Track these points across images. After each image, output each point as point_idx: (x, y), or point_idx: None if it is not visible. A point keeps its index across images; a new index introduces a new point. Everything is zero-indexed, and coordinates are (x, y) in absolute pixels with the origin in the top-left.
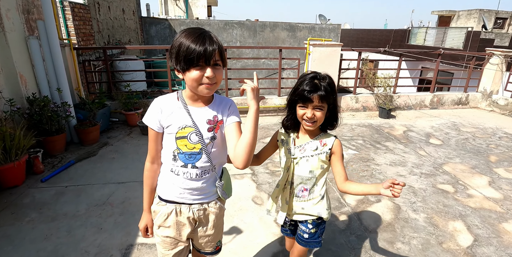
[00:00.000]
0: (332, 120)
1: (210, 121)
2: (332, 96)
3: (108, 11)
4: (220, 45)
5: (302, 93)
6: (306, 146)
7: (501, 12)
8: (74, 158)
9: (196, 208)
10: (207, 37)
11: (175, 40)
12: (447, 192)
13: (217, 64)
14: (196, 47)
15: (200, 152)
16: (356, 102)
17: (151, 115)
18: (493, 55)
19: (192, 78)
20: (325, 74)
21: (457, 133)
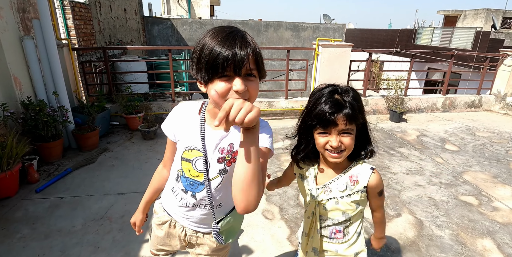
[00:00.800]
0: (364, 144)
1: (223, 150)
2: (361, 113)
3: (110, 10)
4: (255, 49)
5: (321, 115)
6: (332, 185)
7: (509, 12)
8: (71, 166)
9: (189, 233)
10: (238, 38)
11: (198, 41)
12: (471, 205)
13: (251, 74)
14: (222, 50)
15: (203, 183)
16: (366, 105)
17: (168, 123)
18: (508, 56)
19: (219, 92)
20: (346, 86)
21: (473, 138)
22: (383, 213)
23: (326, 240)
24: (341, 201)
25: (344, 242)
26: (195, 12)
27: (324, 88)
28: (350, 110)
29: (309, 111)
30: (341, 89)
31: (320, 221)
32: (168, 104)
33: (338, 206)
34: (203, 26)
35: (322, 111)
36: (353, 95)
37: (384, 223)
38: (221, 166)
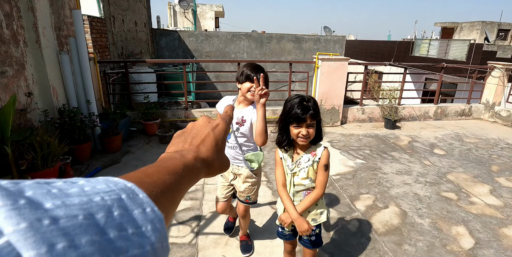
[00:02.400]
0: (319, 133)
1: (238, 118)
2: (319, 113)
3: (122, 24)
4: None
5: (296, 115)
6: (301, 160)
7: (504, 24)
8: (100, 165)
9: (234, 166)
10: (257, 66)
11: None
12: (451, 199)
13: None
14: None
15: (229, 134)
16: (363, 114)
17: (220, 105)
18: (495, 68)
19: (245, 89)
20: (308, 96)
21: (461, 144)
22: (320, 194)
23: None
24: (307, 170)
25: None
26: (200, 24)
27: (294, 98)
28: (313, 111)
29: (287, 113)
30: (306, 98)
31: (295, 188)
32: (181, 112)
33: (304, 173)
34: (208, 38)
35: (297, 113)
36: (314, 102)
37: (311, 202)
38: (236, 126)
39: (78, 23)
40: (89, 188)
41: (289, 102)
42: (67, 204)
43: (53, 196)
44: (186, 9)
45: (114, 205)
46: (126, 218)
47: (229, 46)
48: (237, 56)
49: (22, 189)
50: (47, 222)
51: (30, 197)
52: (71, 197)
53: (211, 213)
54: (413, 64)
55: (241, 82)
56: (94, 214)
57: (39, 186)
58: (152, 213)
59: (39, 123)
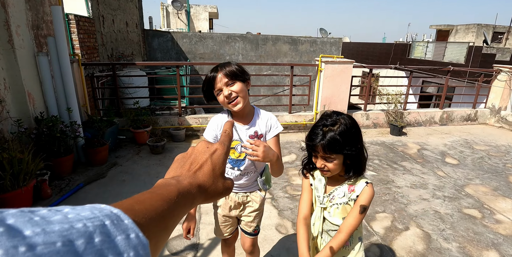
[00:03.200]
0: (356, 166)
1: (251, 136)
2: (344, 146)
3: (112, 24)
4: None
5: (307, 141)
6: (335, 193)
7: (499, 27)
8: (83, 181)
9: (241, 195)
10: (220, 66)
11: None
12: (475, 218)
13: (229, 83)
14: (209, 75)
15: (244, 159)
16: (367, 119)
17: (210, 130)
18: (501, 71)
19: (220, 102)
20: (337, 117)
21: (471, 152)
22: (343, 240)
23: None
24: (341, 207)
25: (349, 247)
26: (194, 25)
27: (324, 117)
28: (327, 143)
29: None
30: (331, 121)
31: (324, 225)
32: (174, 119)
33: (338, 211)
34: (202, 39)
35: (308, 138)
36: (341, 130)
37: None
38: None
39: (58, 21)
40: (72, 215)
41: (317, 121)
42: (47, 231)
43: (34, 224)
44: (180, 10)
45: (96, 231)
46: (108, 245)
47: (224, 47)
48: (232, 58)
49: (4, 217)
50: (23, 249)
51: (11, 225)
52: (52, 224)
53: (209, 240)
54: (419, 67)
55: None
56: (73, 241)
57: (22, 214)
58: (136, 239)
59: (11, 134)
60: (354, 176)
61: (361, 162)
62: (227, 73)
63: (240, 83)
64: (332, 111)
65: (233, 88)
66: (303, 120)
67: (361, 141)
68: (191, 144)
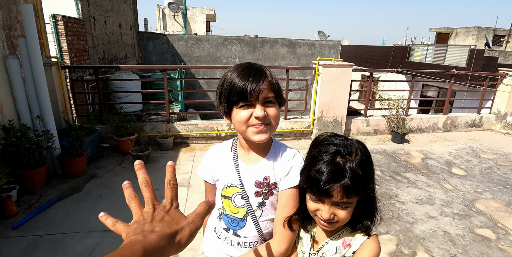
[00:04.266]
0: (366, 216)
1: (259, 183)
2: (367, 184)
3: (104, 26)
4: (271, 79)
5: (315, 180)
6: (325, 249)
7: (499, 30)
8: (55, 196)
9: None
10: (253, 70)
11: (221, 77)
12: (489, 240)
13: (269, 101)
14: (240, 81)
15: (244, 219)
16: (367, 125)
17: (203, 167)
18: (507, 75)
19: (238, 120)
20: (354, 144)
21: (479, 161)
22: None
23: None
24: None
25: None
26: (191, 27)
27: (328, 143)
28: (350, 181)
29: (306, 166)
30: (347, 149)
31: None
32: (162, 126)
33: None
34: (199, 42)
35: (317, 177)
36: (360, 159)
37: None
38: (259, 199)
39: (29, 20)
40: None
41: (316, 149)
42: None
43: None
44: (176, 12)
45: None
46: None
47: (220, 50)
48: (228, 61)
49: None
50: None
51: None
52: None
53: None
54: (422, 71)
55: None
56: None
57: None
58: None
59: None
60: (364, 227)
61: (374, 205)
62: (274, 86)
63: (278, 106)
64: (332, 134)
65: (271, 111)
66: (300, 126)
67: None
68: (180, 152)
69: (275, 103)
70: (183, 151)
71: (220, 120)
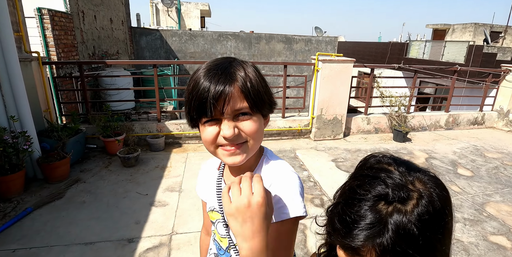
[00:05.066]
0: None
1: None
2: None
3: (94, 21)
4: (245, 81)
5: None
6: None
7: (496, 26)
8: (32, 204)
9: None
10: (222, 70)
11: None
12: (505, 248)
13: (244, 113)
14: (202, 89)
15: (227, 252)
16: (368, 124)
17: (197, 184)
18: (510, 71)
19: (204, 140)
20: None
21: (484, 160)
22: None
23: None
24: None
25: None
26: (185, 23)
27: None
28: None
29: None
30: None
31: None
32: (153, 125)
33: None
34: (193, 38)
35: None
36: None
37: None
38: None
39: (1, 10)
40: None
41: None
42: None
43: None
44: (170, 7)
45: None
46: None
47: (215, 46)
48: None
49: None
50: None
51: None
52: None
53: None
54: (424, 67)
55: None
56: None
57: None
58: None
59: None
60: None
61: None
62: (248, 92)
63: (260, 117)
64: (390, 157)
65: (245, 126)
66: (298, 125)
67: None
68: (171, 153)
69: (253, 114)
70: (175, 152)
71: None
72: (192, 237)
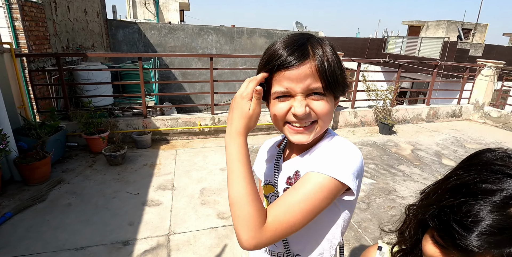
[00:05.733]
0: None
1: (289, 179)
2: None
3: (68, 12)
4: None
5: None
6: None
7: (467, 23)
8: (12, 208)
9: None
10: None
11: None
12: None
13: (316, 93)
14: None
15: None
16: (355, 117)
17: (256, 162)
18: (485, 66)
19: (274, 114)
20: None
21: (465, 151)
22: None
23: None
24: None
25: None
26: (163, 16)
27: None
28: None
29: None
30: None
31: None
32: (138, 121)
33: None
34: (173, 31)
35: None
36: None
37: None
38: None
39: None
40: None
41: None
42: None
43: None
44: None
45: None
46: None
47: (196, 40)
48: (204, 52)
49: None
50: None
51: None
52: None
53: None
54: (407, 62)
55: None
56: None
57: None
58: None
59: None
60: None
61: None
62: (324, 72)
63: (332, 98)
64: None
65: (317, 105)
66: None
67: None
68: (159, 150)
69: (325, 95)
70: (163, 149)
71: (202, 114)
72: (191, 236)
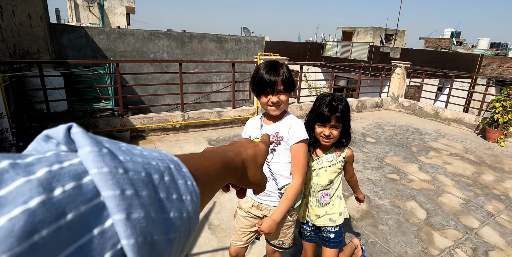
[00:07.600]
0: (345, 137)
1: (272, 136)
2: (347, 117)
3: (13, 16)
4: (283, 76)
5: (321, 114)
6: (323, 158)
7: (389, 30)
8: None
9: (263, 207)
10: (273, 70)
11: (255, 70)
12: (396, 180)
13: (280, 91)
14: (263, 79)
15: None
16: (300, 110)
17: (244, 130)
18: (397, 66)
19: (262, 103)
20: (341, 97)
21: (383, 132)
22: (356, 178)
23: (318, 204)
24: (329, 169)
25: (330, 203)
26: (109, 20)
27: (326, 96)
28: (340, 114)
29: (313, 110)
30: (337, 98)
31: (313, 187)
32: (116, 120)
33: (325, 173)
34: (122, 36)
35: (323, 112)
36: (345, 105)
37: (358, 184)
38: (271, 146)
39: None
40: (147, 153)
41: (319, 100)
42: (134, 161)
43: (123, 152)
44: (91, 2)
45: (165, 171)
46: (173, 185)
47: (147, 45)
48: (156, 56)
49: (102, 140)
50: (121, 171)
51: (109, 148)
52: (136, 156)
53: None
54: (339, 64)
55: (257, 94)
56: (151, 175)
57: (112, 142)
58: (191, 186)
59: None
60: (344, 143)
61: (349, 132)
62: (285, 81)
63: (288, 94)
64: (328, 93)
65: (281, 97)
66: (246, 114)
67: None
68: (139, 145)
69: (285, 92)
70: (142, 144)
71: (174, 112)
72: None
